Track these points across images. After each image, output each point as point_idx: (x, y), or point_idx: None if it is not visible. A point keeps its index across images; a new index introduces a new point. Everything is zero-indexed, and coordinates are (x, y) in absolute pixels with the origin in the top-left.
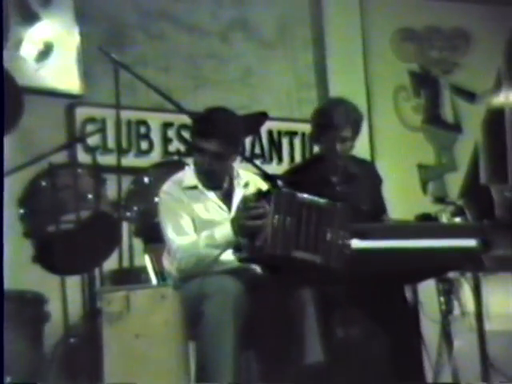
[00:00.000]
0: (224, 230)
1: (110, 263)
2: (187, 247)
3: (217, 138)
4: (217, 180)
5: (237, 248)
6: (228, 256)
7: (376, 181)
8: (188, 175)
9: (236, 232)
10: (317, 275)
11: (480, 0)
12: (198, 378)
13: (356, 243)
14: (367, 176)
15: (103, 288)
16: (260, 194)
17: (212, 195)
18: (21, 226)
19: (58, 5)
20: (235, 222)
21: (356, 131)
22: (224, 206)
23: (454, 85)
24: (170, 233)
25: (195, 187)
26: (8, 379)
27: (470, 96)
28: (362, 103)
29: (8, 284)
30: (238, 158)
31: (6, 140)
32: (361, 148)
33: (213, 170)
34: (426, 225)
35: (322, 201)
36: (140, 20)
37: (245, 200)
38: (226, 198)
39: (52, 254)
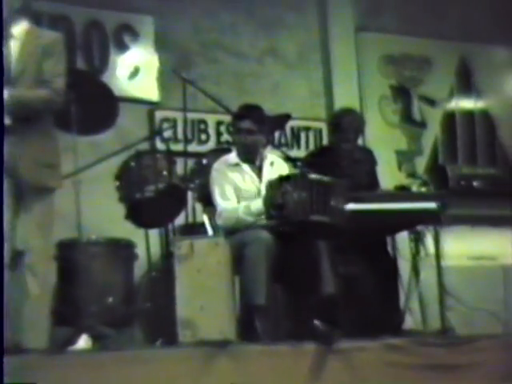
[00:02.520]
0: (258, 205)
1: (179, 220)
2: (230, 211)
3: (248, 118)
4: (251, 154)
5: (269, 217)
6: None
7: (373, 163)
8: (232, 156)
9: (268, 207)
10: (326, 231)
11: (438, 37)
12: (241, 300)
13: (352, 206)
14: (367, 159)
15: (175, 237)
16: (282, 179)
17: (248, 169)
18: (117, 193)
19: (143, 39)
20: (268, 200)
21: (358, 134)
22: (256, 178)
23: (421, 95)
24: (217, 198)
25: (237, 164)
26: (110, 299)
27: (432, 102)
28: (357, 108)
29: (109, 234)
30: (270, 146)
31: (107, 134)
32: None
33: (247, 143)
34: (401, 193)
35: (327, 178)
36: (200, 49)
37: (271, 183)
38: (258, 172)
39: (139, 214)
